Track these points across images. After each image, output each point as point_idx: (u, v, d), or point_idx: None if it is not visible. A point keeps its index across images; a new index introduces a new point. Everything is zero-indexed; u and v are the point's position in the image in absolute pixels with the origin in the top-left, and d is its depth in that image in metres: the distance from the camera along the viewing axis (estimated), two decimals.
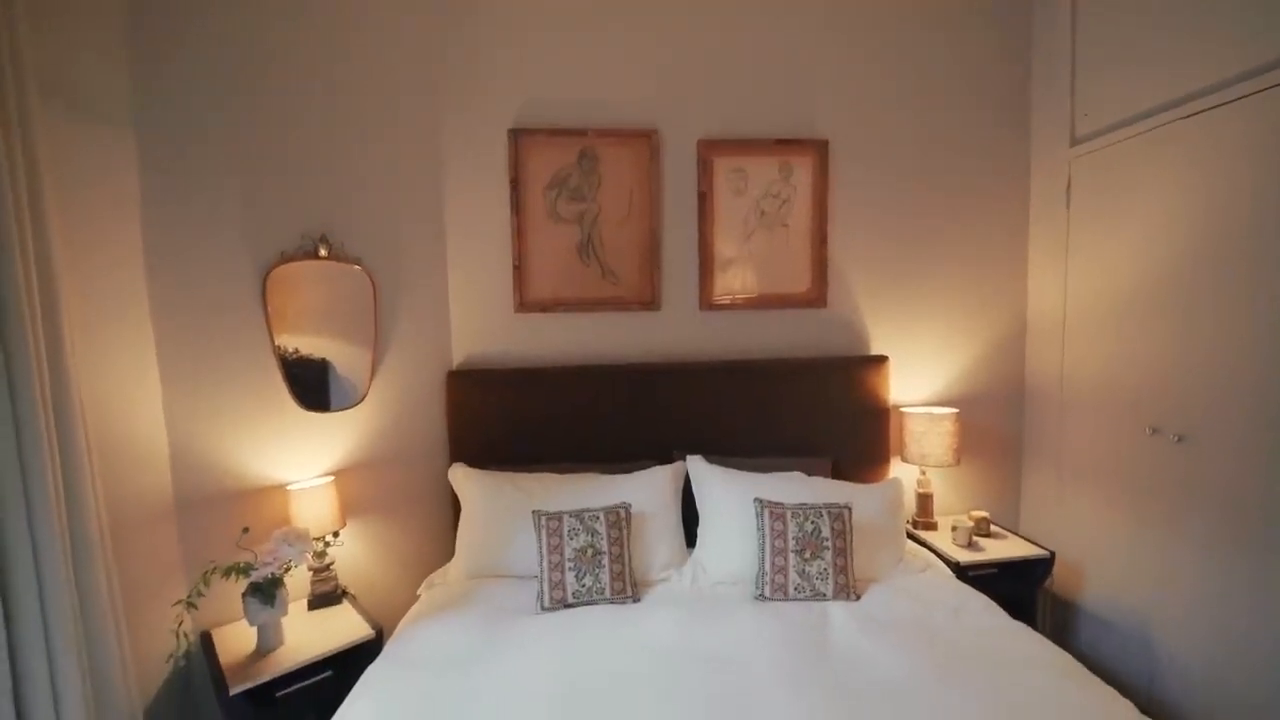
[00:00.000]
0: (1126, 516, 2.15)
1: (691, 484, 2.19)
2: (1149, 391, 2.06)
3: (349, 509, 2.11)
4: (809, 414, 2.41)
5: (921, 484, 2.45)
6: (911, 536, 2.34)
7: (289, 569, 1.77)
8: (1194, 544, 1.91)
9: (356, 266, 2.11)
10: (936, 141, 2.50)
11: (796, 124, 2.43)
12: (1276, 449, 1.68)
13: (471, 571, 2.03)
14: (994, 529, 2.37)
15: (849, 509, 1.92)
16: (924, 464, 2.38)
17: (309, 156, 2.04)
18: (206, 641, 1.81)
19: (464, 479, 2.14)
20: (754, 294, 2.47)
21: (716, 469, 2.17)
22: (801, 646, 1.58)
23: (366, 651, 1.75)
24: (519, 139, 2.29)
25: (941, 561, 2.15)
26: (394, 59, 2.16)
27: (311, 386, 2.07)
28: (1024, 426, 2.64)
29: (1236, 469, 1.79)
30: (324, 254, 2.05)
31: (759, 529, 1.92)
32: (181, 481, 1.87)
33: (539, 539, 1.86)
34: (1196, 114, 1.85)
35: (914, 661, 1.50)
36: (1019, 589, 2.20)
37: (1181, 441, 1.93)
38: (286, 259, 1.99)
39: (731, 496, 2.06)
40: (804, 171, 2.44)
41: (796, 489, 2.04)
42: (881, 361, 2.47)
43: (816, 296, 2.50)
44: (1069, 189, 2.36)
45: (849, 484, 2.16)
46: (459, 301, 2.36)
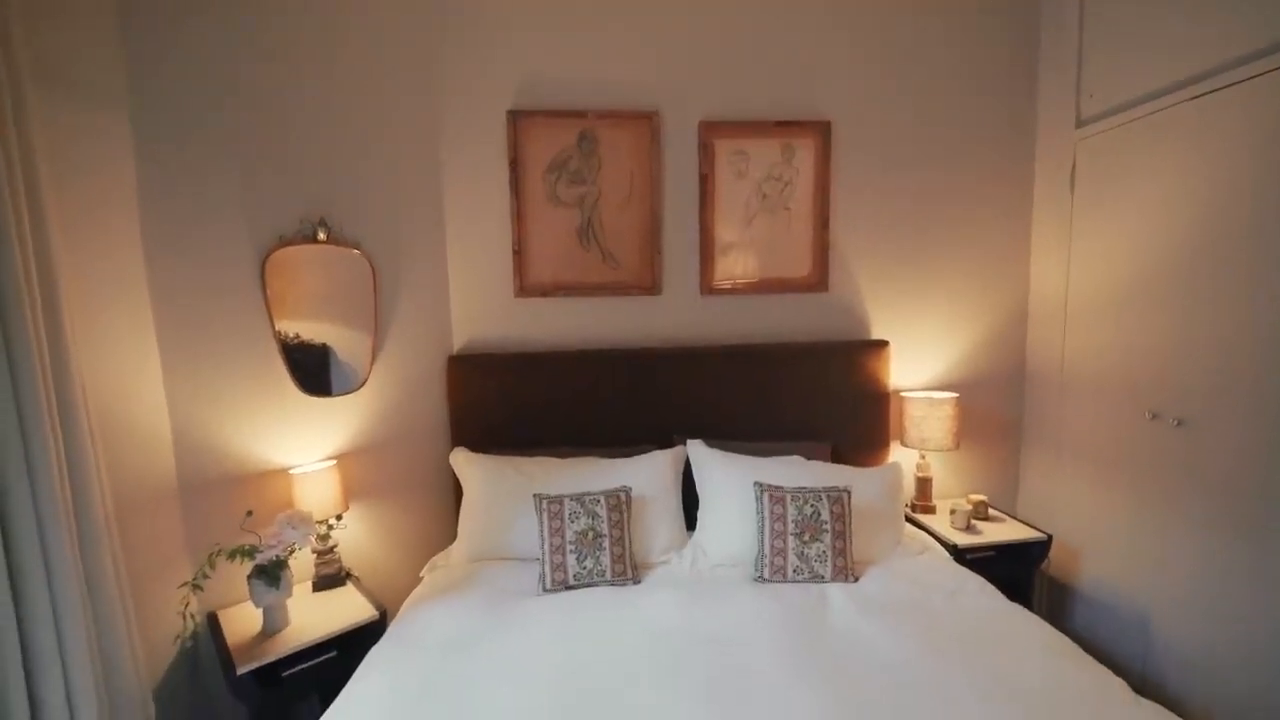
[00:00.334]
0: (1125, 500, 2.16)
1: (692, 468, 2.20)
2: (1149, 376, 2.06)
3: (352, 492, 2.12)
4: (809, 398, 2.42)
5: (921, 468, 2.46)
6: (910, 520, 2.36)
7: (293, 552, 1.79)
8: (1192, 527, 1.92)
9: (356, 251, 2.10)
10: (941, 122, 2.47)
11: (799, 105, 2.40)
12: (1276, 434, 1.68)
13: (473, 554, 2.05)
14: (992, 512, 2.39)
15: (848, 492, 1.93)
16: (923, 448, 2.39)
17: (307, 139, 2.02)
18: (213, 623, 1.84)
19: (465, 463, 2.15)
20: (755, 278, 2.46)
21: (716, 453, 2.18)
22: (800, 627, 1.60)
23: (370, 632, 1.78)
24: (518, 120, 2.26)
25: (939, 544, 2.17)
26: (391, 38, 2.13)
27: (312, 371, 2.07)
28: (1024, 411, 2.65)
29: (1235, 453, 1.79)
30: (323, 238, 2.03)
31: (758, 512, 1.93)
32: (184, 465, 1.88)
33: (540, 522, 1.88)
34: (1202, 96, 1.83)
35: (911, 642, 1.52)
36: (1016, 571, 2.22)
37: (1181, 426, 1.94)
38: (285, 243, 1.98)
39: (731, 480, 2.07)
40: (806, 153, 2.41)
41: (796, 473, 2.05)
42: (882, 346, 2.47)
43: (818, 281, 2.48)
44: (1073, 172, 2.33)
45: (848, 468, 2.18)
46: (459, 286, 2.35)
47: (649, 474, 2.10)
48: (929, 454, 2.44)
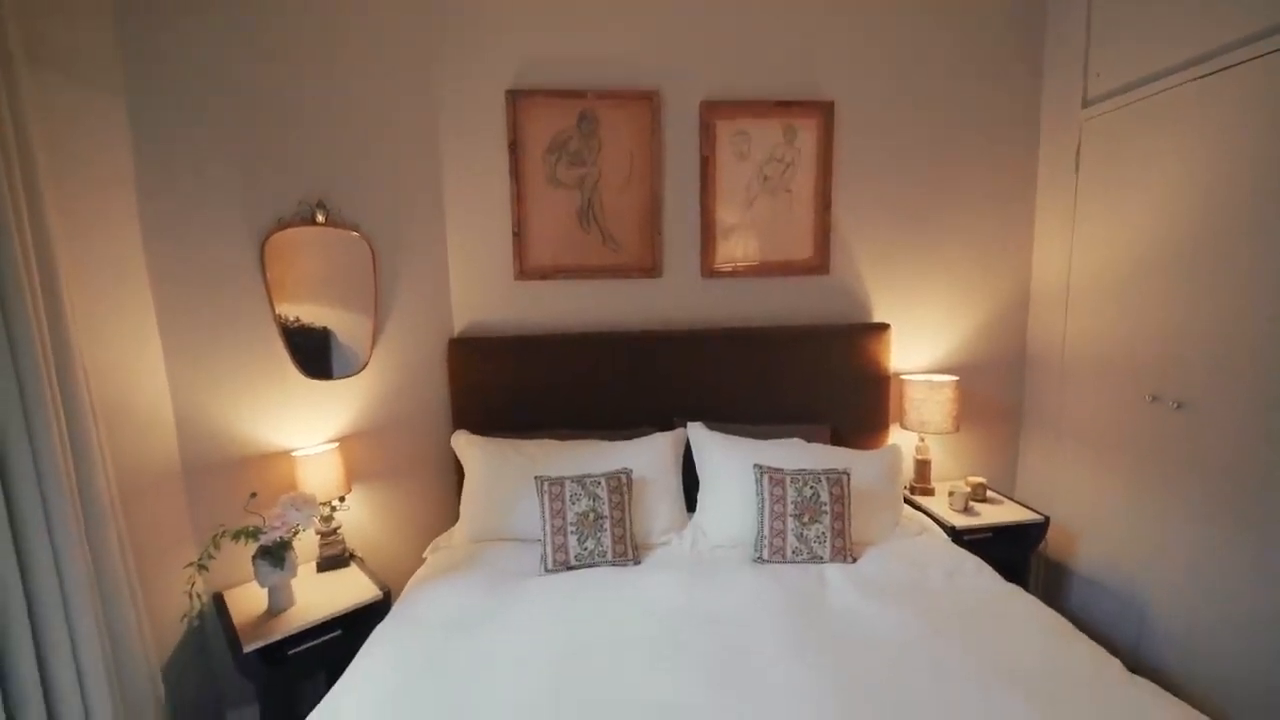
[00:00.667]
0: (1123, 482, 2.18)
1: (692, 450, 2.21)
2: (1150, 359, 2.06)
3: (354, 474, 2.13)
4: (809, 381, 2.42)
5: (920, 451, 2.47)
6: (909, 502, 2.38)
7: (297, 533, 1.80)
8: (1190, 510, 1.93)
9: (355, 233, 2.09)
10: (945, 102, 2.44)
11: (802, 84, 2.37)
12: (1275, 417, 1.69)
13: (476, 535, 2.07)
14: (990, 494, 2.41)
15: (847, 474, 1.95)
16: (923, 431, 2.40)
17: (304, 120, 1.99)
18: (219, 602, 1.86)
19: (467, 445, 2.16)
20: (756, 261, 2.45)
21: (717, 435, 2.19)
22: (799, 607, 1.62)
23: (374, 612, 1.80)
24: (517, 100, 2.23)
25: (937, 525, 2.19)
26: (390, 18, 2.09)
27: (313, 354, 2.07)
28: (1024, 394, 2.65)
29: (1234, 436, 1.80)
30: (321, 220, 2.02)
31: (758, 494, 1.94)
32: (187, 448, 1.89)
33: (541, 503, 1.89)
34: (1211, 74, 1.80)
35: (908, 621, 1.54)
36: (1013, 553, 2.25)
37: (1181, 409, 1.94)
38: (284, 225, 1.97)
39: (731, 462, 2.08)
40: (808, 134, 2.38)
41: (796, 455, 2.06)
42: (883, 329, 2.47)
43: (819, 263, 2.47)
44: (1079, 153, 2.31)
45: (848, 450, 2.18)
46: (459, 268, 2.34)
47: (649, 456, 2.11)
48: (928, 437, 2.45)
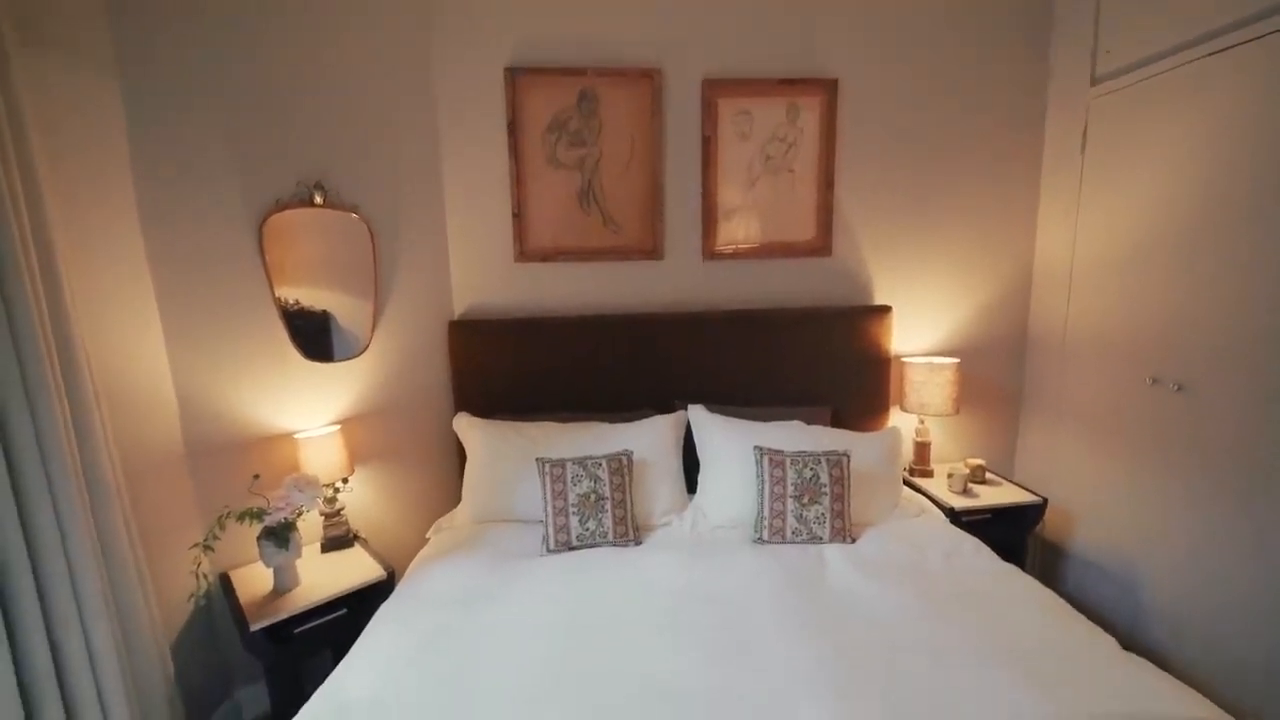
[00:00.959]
0: (1123, 464, 2.19)
1: (693, 432, 2.22)
2: (1151, 341, 2.05)
3: (357, 456, 2.15)
4: (810, 364, 2.42)
5: (920, 433, 2.48)
6: (908, 483, 2.39)
7: (301, 514, 1.82)
8: (1190, 492, 1.94)
9: (354, 215, 2.07)
10: (950, 80, 2.39)
11: (805, 62, 2.33)
12: (1275, 399, 1.69)
13: (478, 516, 2.08)
14: (989, 476, 2.42)
15: (847, 456, 1.95)
16: (923, 413, 2.40)
17: (302, 100, 1.96)
18: (225, 582, 1.88)
19: (468, 428, 2.17)
20: (757, 243, 2.43)
21: (717, 418, 2.20)
22: (798, 586, 1.64)
23: (379, 591, 1.82)
24: (516, 78, 2.19)
25: (936, 507, 2.20)
26: None
27: (313, 337, 2.06)
28: (1024, 376, 2.65)
29: (1234, 419, 1.80)
30: (320, 201, 2.00)
31: (758, 476, 1.95)
32: (190, 430, 1.90)
33: (543, 485, 1.90)
34: (1225, 50, 1.77)
35: (906, 600, 1.56)
36: (1011, 534, 2.27)
37: (1181, 391, 1.94)
38: (282, 206, 1.95)
39: (732, 444, 2.09)
40: (811, 114, 2.35)
41: (796, 437, 2.07)
42: (885, 312, 2.46)
43: (821, 245, 2.45)
44: (1085, 133, 2.27)
45: (848, 432, 2.19)
46: (459, 250, 2.32)
47: (650, 438, 2.12)
48: (928, 419, 2.46)
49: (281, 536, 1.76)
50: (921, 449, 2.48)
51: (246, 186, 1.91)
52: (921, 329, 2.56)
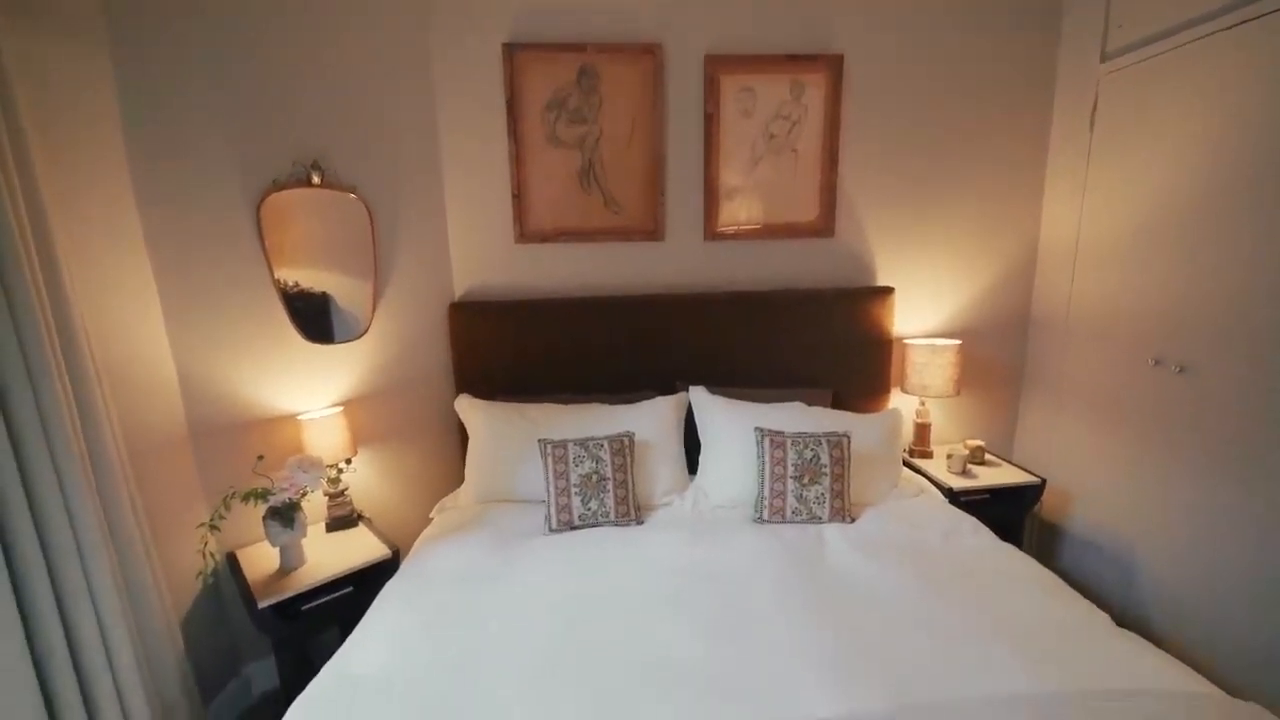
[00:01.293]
0: (1123, 445, 2.19)
1: (694, 414, 2.23)
2: (1154, 322, 2.05)
3: (359, 437, 2.16)
4: (812, 346, 2.41)
5: (920, 414, 2.49)
6: (908, 464, 2.40)
7: (305, 494, 1.83)
8: (1191, 473, 1.95)
9: (352, 195, 2.05)
10: (958, 55, 2.35)
11: (810, 37, 2.28)
12: (1277, 382, 1.69)
13: (481, 496, 2.10)
14: (988, 457, 2.43)
15: (848, 437, 1.96)
16: (924, 395, 2.40)
17: (296, 79, 1.93)
18: (233, 561, 1.91)
19: (470, 409, 2.17)
20: (760, 223, 2.41)
21: (719, 399, 2.20)
22: (798, 564, 1.66)
23: (384, 570, 1.85)
24: (514, 54, 2.15)
25: (935, 487, 2.22)
26: None
27: (313, 319, 2.06)
28: (1026, 358, 2.65)
29: (1236, 401, 1.80)
30: (317, 181, 1.98)
31: (759, 456, 1.97)
32: (193, 411, 1.91)
33: (545, 466, 1.92)
34: (1241, 24, 1.73)
35: (904, 578, 1.58)
36: (1009, 514, 2.28)
37: (1183, 373, 1.94)
38: (279, 187, 1.93)
39: (733, 425, 2.09)
40: (816, 91, 2.31)
41: (797, 418, 2.08)
42: (887, 293, 2.44)
43: (824, 226, 2.43)
44: (1095, 110, 2.24)
45: (848, 414, 2.20)
46: (458, 231, 2.30)
47: (651, 420, 2.12)
48: (929, 400, 2.46)
49: (286, 516, 1.78)
50: (921, 430, 2.49)
51: (243, 167, 1.89)
52: (924, 310, 2.55)
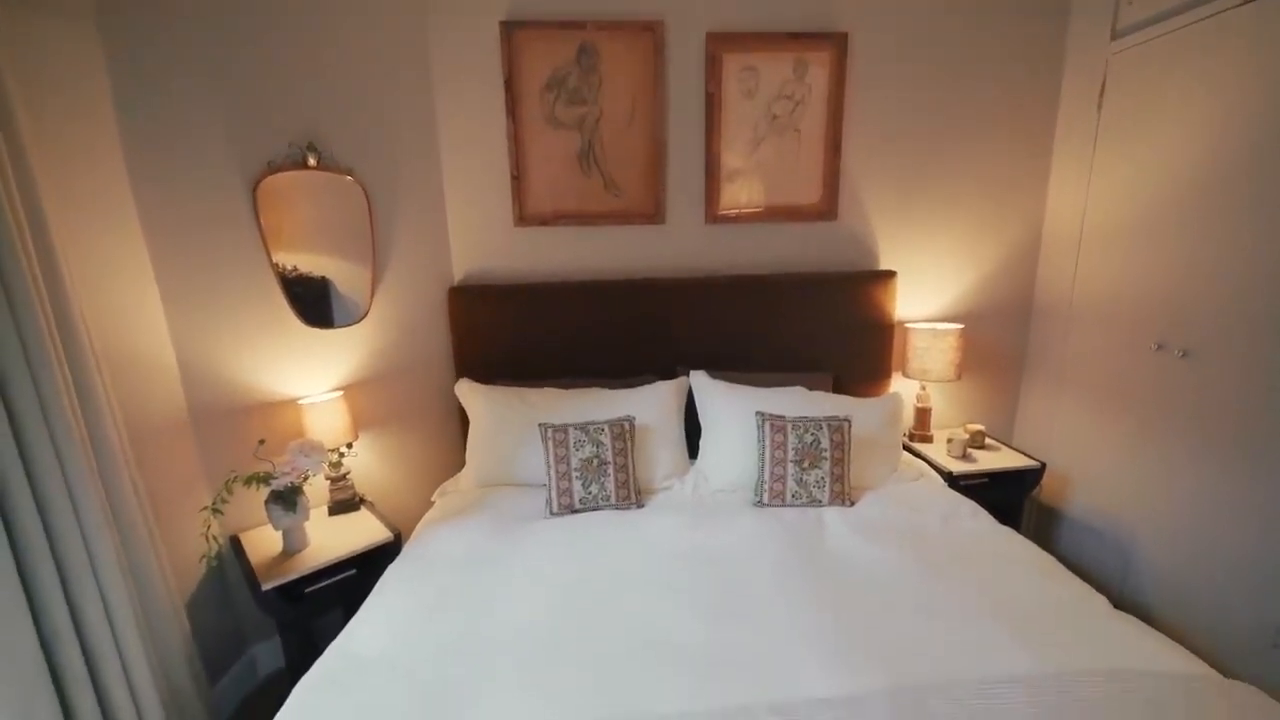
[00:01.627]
0: (1124, 429, 2.19)
1: (694, 398, 2.23)
2: (1157, 306, 2.03)
3: (360, 422, 2.16)
4: (813, 329, 2.40)
5: (921, 399, 2.49)
6: (908, 448, 2.41)
7: (307, 478, 1.84)
8: (1193, 458, 1.95)
9: (348, 177, 2.02)
10: (965, 34, 2.30)
11: (814, 15, 2.23)
12: (1278, 367, 1.68)
13: (482, 480, 2.11)
14: (988, 441, 2.43)
15: (848, 422, 1.96)
16: (925, 379, 2.40)
17: (289, 57, 1.89)
18: (236, 544, 1.92)
19: (470, 393, 2.17)
20: (761, 206, 2.39)
21: (719, 384, 2.20)
22: (797, 547, 1.67)
23: (386, 553, 1.86)
24: (512, 32, 2.11)
25: (935, 471, 2.22)
26: None
27: (313, 304, 2.05)
28: (1028, 342, 2.64)
29: (1238, 386, 1.80)
30: (313, 163, 1.95)
31: (759, 440, 1.97)
32: (194, 395, 1.90)
33: (546, 450, 1.92)
34: (1239, 5, 1.70)
35: (903, 560, 1.59)
36: (1008, 497, 2.29)
37: (1185, 357, 1.93)
38: (275, 169, 1.91)
39: (733, 410, 2.09)
40: (820, 70, 2.27)
41: (798, 403, 2.08)
42: (889, 277, 2.43)
43: (827, 208, 2.41)
44: (1103, 90, 2.20)
45: (849, 398, 2.20)
46: (457, 215, 2.28)
47: (652, 404, 2.12)
48: (930, 385, 2.46)
49: (289, 500, 1.79)
50: (922, 414, 2.49)
51: (238, 148, 1.86)
52: (926, 295, 2.53)
